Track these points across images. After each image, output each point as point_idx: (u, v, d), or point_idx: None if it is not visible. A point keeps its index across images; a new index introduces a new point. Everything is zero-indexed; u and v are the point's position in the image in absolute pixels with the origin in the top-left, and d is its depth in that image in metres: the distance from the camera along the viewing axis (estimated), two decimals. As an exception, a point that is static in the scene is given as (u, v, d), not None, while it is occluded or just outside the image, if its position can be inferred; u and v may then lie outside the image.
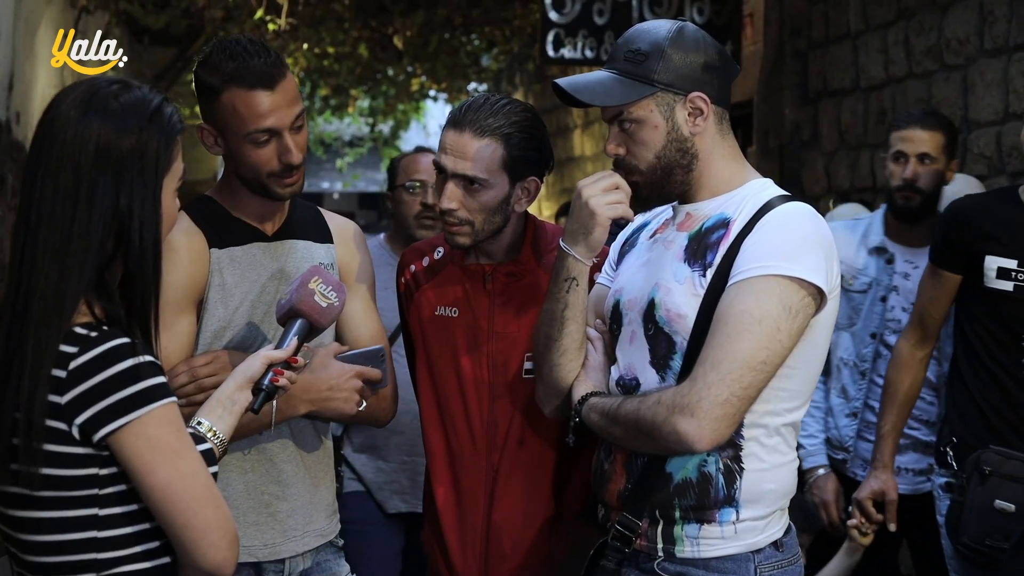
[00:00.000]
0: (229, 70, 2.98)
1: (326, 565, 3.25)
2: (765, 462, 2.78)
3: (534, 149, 3.23)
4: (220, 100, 3.00)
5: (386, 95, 15.67)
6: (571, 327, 2.93)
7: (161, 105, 2.37)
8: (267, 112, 3.00)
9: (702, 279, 2.77)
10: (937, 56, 5.96)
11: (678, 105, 2.82)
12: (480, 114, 3.20)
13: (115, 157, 2.29)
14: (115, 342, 2.24)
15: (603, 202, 2.83)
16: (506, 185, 3.20)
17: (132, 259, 2.33)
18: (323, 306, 2.76)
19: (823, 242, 2.75)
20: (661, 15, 8.10)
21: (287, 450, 3.16)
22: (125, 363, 2.23)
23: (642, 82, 2.81)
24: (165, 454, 2.25)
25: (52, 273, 2.27)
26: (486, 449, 3.28)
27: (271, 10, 9.53)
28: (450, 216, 3.21)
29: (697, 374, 2.66)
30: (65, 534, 2.29)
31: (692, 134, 2.83)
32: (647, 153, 2.84)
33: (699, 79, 2.82)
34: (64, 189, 2.28)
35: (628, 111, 2.83)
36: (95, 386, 2.22)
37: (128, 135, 2.31)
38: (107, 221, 2.29)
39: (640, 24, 2.93)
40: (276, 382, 2.63)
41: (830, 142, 7.07)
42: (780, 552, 2.82)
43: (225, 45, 3.04)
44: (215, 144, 3.08)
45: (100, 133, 2.29)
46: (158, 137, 2.34)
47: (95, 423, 2.23)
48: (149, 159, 2.32)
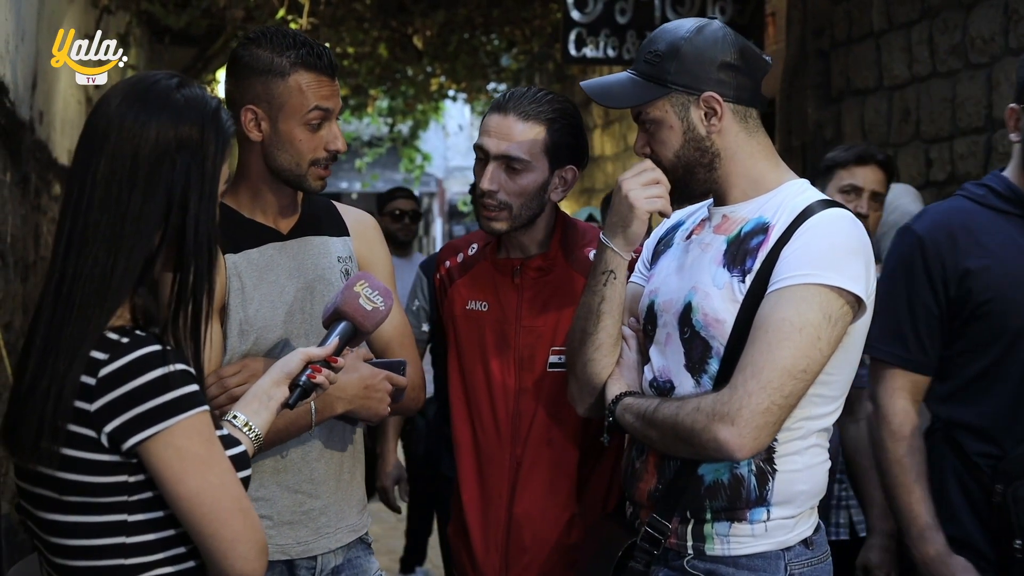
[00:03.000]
0: (301, 53, 3.05)
1: (357, 562, 3.26)
2: (798, 464, 2.78)
3: (574, 138, 3.32)
4: (286, 80, 3.05)
5: (405, 95, 15.66)
6: (607, 321, 2.93)
7: (219, 106, 2.38)
8: (329, 95, 3.08)
9: (741, 285, 2.77)
10: (961, 55, 5.94)
11: (692, 105, 2.83)
12: (524, 100, 3.30)
13: (175, 147, 2.30)
14: (146, 349, 2.23)
15: (642, 195, 2.85)
16: (546, 170, 3.27)
17: (187, 252, 2.32)
18: (368, 309, 2.76)
19: (862, 250, 2.75)
20: (683, 14, 8.09)
21: (318, 448, 3.18)
22: (156, 372, 2.22)
23: (656, 83, 2.84)
24: (194, 464, 2.24)
25: (101, 256, 2.26)
26: (510, 442, 3.31)
27: (292, 10, 9.53)
28: (490, 199, 3.28)
29: (737, 382, 2.66)
30: (92, 539, 2.28)
31: (709, 133, 2.84)
32: (667, 152, 2.87)
33: (714, 79, 2.83)
34: (121, 175, 2.28)
35: (646, 112, 2.87)
36: (125, 394, 2.21)
37: (189, 127, 2.32)
38: (161, 210, 2.29)
39: (666, 24, 2.95)
40: (313, 379, 2.61)
41: (853, 141, 7.04)
42: (810, 550, 2.82)
43: (283, 31, 3.11)
44: (256, 127, 3.08)
45: (161, 122, 2.30)
46: (216, 136, 2.35)
47: (124, 432, 2.22)
48: (208, 155, 2.33)
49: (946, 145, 6.09)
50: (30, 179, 6.55)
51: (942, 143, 6.13)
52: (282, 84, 3.05)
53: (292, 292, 3.14)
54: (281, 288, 3.13)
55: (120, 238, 2.27)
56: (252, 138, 3.09)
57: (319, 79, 3.07)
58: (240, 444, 2.41)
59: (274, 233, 3.17)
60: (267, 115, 3.06)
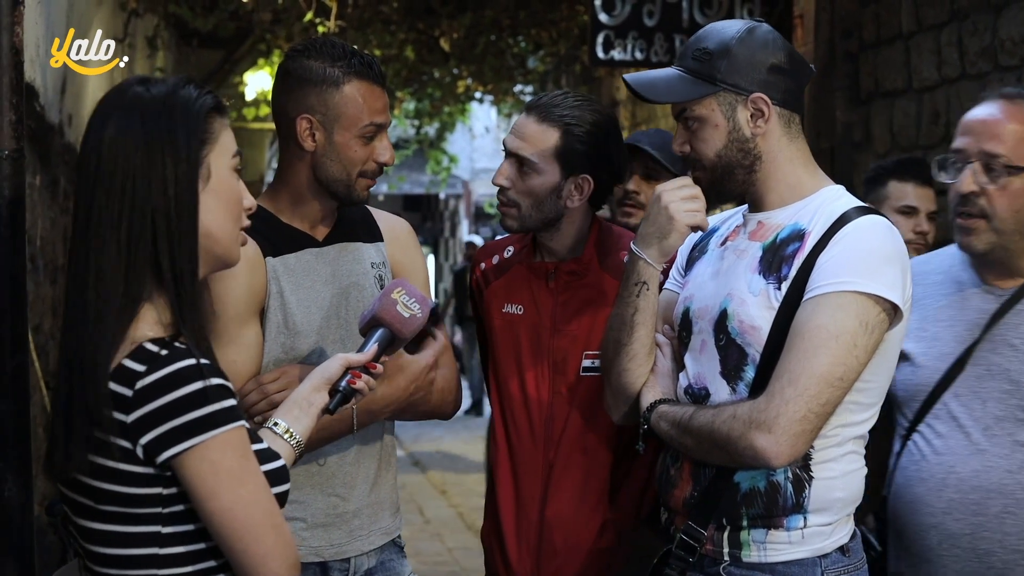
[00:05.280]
0: (355, 63, 3.07)
1: (390, 564, 3.27)
2: (834, 471, 2.77)
3: (595, 148, 3.26)
4: (341, 90, 3.06)
5: (432, 97, 15.67)
6: (641, 332, 2.92)
7: (177, 90, 2.35)
8: (383, 108, 3.12)
9: (777, 292, 2.76)
10: (991, 57, 5.90)
11: (740, 105, 2.82)
12: (551, 103, 3.30)
13: (136, 152, 2.29)
14: (183, 363, 2.23)
15: (683, 208, 2.84)
16: (556, 175, 3.27)
17: (172, 244, 2.31)
18: (405, 316, 2.76)
19: (899, 257, 2.74)
20: (712, 16, 8.06)
21: (353, 451, 3.19)
22: (193, 386, 2.22)
23: (705, 81, 2.82)
24: (228, 480, 2.24)
25: (105, 264, 2.28)
26: (543, 445, 3.32)
27: (320, 13, 9.55)
28: (501, 194, 3.33)
29: (774, 389, 2.65)
30: (127, 549, 2.29)
31: (754, 135, 2.82)
32: (708, 151, 2.85)
33: (763, 80, 2.82)
34: (102, 185, 2.29)
35: (691, 109, 2.85)
36: (161, 407, 2.21)
37: (142, 128, 2.30)
38: (142, 211, 2.29)
39: (714, 23, 2.93)
40: (353, 384, 2.62)
41: (882, 144, 7.01)
42: (847, 557, 2.81)
43: (332, 42, 3.14)
44: (310, 136, 3.09)
45: (117, 131, 2.30)
46: (181, 121, 2.32)
47: (159, 445, 2.22)
48: (178, 145, 2.31)
49: (976, 148, 6.04)
50: (59, 182, 6.58)
51: (972, 146, 6.08)
52: (337, 94, 3.06)
53: (328, 298, 3.15)
54: (318, 294, 3.15)
55: (119, 244, 2.28)
56: (306, 147, 3.10)
57: (372, 89, 3.09)
58: (279, 459, 2.40)
59: (311, 240, 3.18)
60: (322, 125, 3.08)
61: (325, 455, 3.15)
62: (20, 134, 3.25)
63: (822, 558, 2.78)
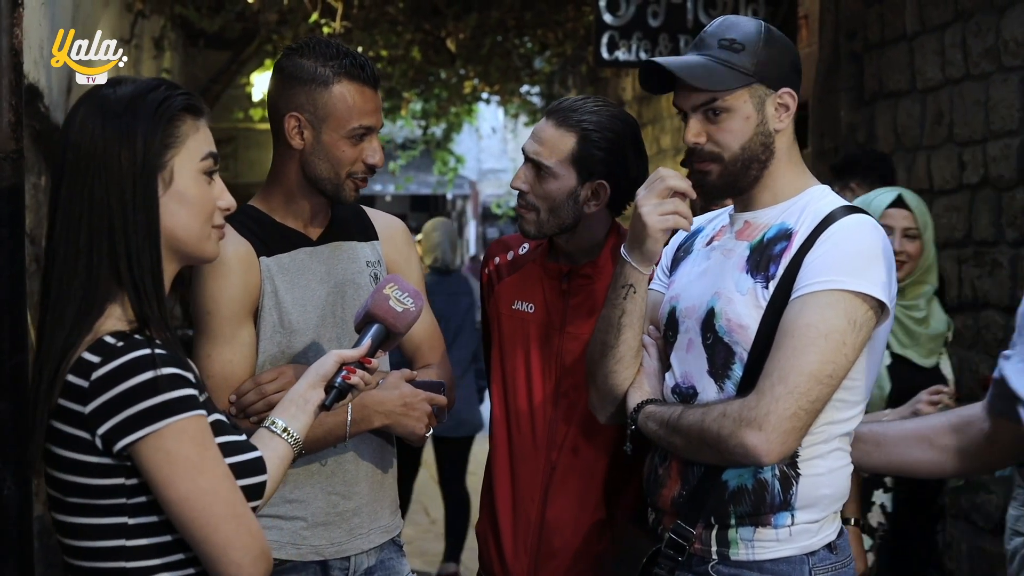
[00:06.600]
0: (346, 64, 3.08)
1: (389, 563, 3.29)
2: (821, 468, 2.78)
3: (612, 154, 3.25)
4: (330, 90, 3.07)
5: (438, 98, 15.70)
6: (627, 334, 2.93)
7: (144, 92, 2.36)
8: (373, 110, 3.11)
9: (765, 291, 2.77)
10: (995, 58, 5.90)
11: (768, 99, 2.82)
12: (570, 107, 3.29)
13: (95, 152, 2.31)
14: (136, 353, 2.25)
15: (656, 213, 2.82)
16: (573, 180, 3.25)
17: (129, 244, 2.32)
18: (398, 311, 2.78)
19: (884, 255, 2.74)
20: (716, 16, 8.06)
21: (353, 450, 3.21)
22: (145, 375, 2.23)
23: (742, 72, 2.80)
24: (184, 468, 2.24)
25: (71, 258, 2.32)
26: (545, 447, 3.32)
27: (325, 13, 9.57)
28: (521, 199, 3.32)
29: (763, 387, 2.66)
30: (95, 541, 2.31)
31: (776, 130, 2.83)
32: (734, 143, 2.83)
33: (788, 76, 2.84)
34: (66, 184, 2.33)
35: (722, 99, 2.81)
36: (115, 397, 2.23)
37: (103, 128, 2.32)
38: (100, 211, 2.31)
39: (726, 17, 2.91)
40: (348, 379, 2.62)
41: (886, 144, 7.02)
42: (834, 554, 2.82)
43: (327, 42, 3.14)
44: (298, 134, 3.10)
45: (81, 130, 2.33)
46: (142, 123, 2.33)
47: (116, 434, 2.23)
48: (135, 147, 2.32)
49: (979, 148, 6.06)
50: (64, 182, 6.58)
51: (975, 146, 6.10)
52: (326, 93, 3.07)
53: (323, 296, 3.17)
54: (313, 292, 3.16)
55: (79, 242, 2.31)
56: (294, 145, 3.12)
57: (362, 91, 3.09)
58: (253, 450, 2.40)
59: (304, 239, 3.20)
60: (310, 124, 3.09)
61: (325, 454, 3.16)
62: (20, 135, 3.26)
63: (810, 555, 2.78)
